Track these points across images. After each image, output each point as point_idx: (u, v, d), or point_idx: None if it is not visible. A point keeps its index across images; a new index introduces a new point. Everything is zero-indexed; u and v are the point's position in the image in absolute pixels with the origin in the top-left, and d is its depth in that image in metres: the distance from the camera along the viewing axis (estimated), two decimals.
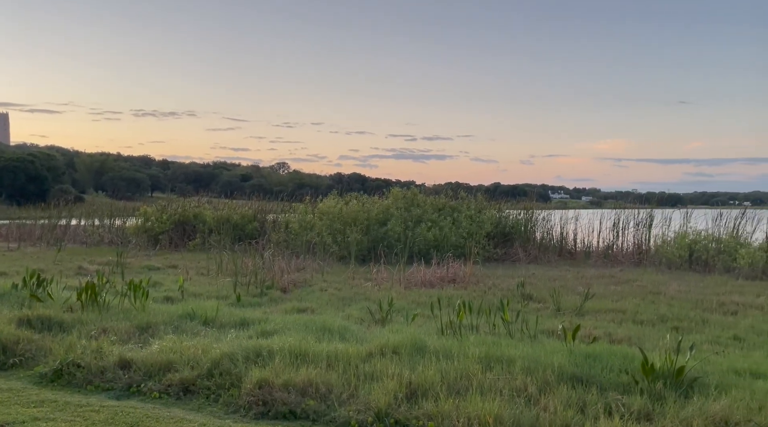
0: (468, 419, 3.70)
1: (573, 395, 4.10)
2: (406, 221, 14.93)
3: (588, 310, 8.20)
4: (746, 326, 7.20)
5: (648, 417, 3.81)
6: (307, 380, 4.42)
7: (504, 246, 16.23)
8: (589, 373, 4.53)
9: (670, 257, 14.04)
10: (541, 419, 3.69)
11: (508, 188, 51.71)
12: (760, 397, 4.01)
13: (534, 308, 8.39)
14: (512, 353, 4.95)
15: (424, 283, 10.45)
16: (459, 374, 4.50)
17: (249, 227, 17.69)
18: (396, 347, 5.24)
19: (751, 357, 5.49)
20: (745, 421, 3.60)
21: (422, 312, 7.64)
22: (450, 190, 18.57)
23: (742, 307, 8.50)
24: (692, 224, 15.54)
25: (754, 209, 16.72)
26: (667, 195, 25.58)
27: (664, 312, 8.06)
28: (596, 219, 17.56)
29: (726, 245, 13.53)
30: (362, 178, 78.81)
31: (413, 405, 4.07)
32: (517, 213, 17.54)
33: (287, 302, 8.53)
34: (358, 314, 7.64)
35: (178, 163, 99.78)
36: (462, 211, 15.87)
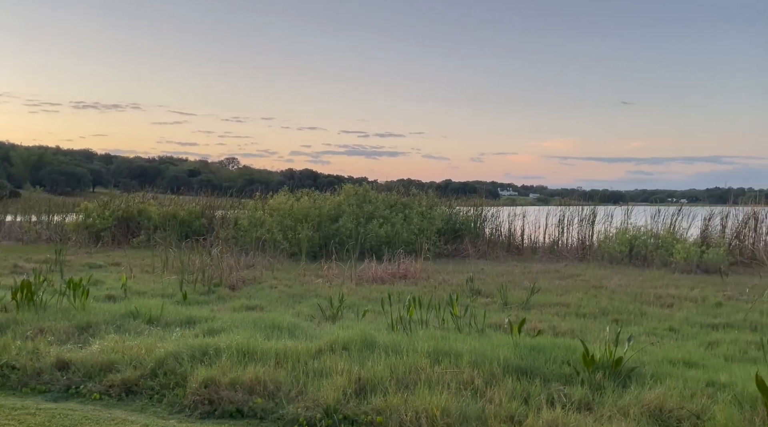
0: (416, 413, 3.74)
1: (518, 386, 4.21)
2: (358, 217, 14.93)
3: (534, 304, 8.42)
4: (681, 317, 7.54)
5: (588, 406, 3.94)
6: (255, 378, 4.36)
7: (454, 242, 16.47)
8: (533, 365, 4.65)
9: (612, 252, 14.57)
10: (487, 410, 3.77)
11: (459, 185, 52.39)
12: (692, 385, 4.21)
13: (482, 303, 8.55)
14: (460, 347, 5.03)
15: (376, 279, 10.49)
16: (408, 369, 4.54)
17: (196, 223, 17.30)
18: (346, 344, 5.24)
19: (684, 347, 5.76)
20: (678, 408, 3.78)
21: (373, 308, 7.66)
22: (402, 186, 18.69)
23: (677, 299, 8.91)
24: (632, 221, 16.18)
25: (689, 206, 17.53)
26: (610, 192, 26.57)
27: (606, 305, 8.36)
28: (543, 216, 18.05)
29: (663, 240, 14.14)
30: (314, 175, 78.26)
31: (362, 401, 4.08)
32: (467, 210, 17.81)
33: (236, 299, 8.39)
34: (308, 311, 7.59)
35: (122, 158, 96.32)
36: (413, 208, 15.99)
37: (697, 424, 3.60)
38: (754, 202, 15.82)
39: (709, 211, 15.99)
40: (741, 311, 7.82)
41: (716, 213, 15.71)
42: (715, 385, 4.24)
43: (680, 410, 3.75)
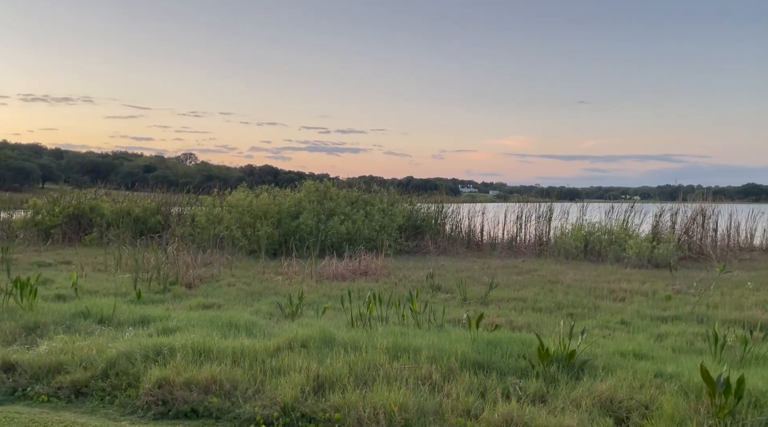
0: (374, 409, 3.75)
1: (475, 381, 4.26)
2: (318, 214, 14.85)
3: (492, 299, 8.54)
4: (632, 311, 7.78)
5: (542, 399, 4.02)
6: (211, 377, 4.29)
7: (415, 239, 16.57)
8: (490, 359, 4.72)
9: (568, 248, 14.91)
10: (444, 405, 3.80)
11: (420, 182, 52.64)
12: (641, 376, 4.34)
13: (442, 299, 8.63)
14: (419, 343, 5.06)
15: (336, 276, 10.45)
16: (367, 366, 4.54)
17: (152, 220, 16.88)
18: (305, 341, 5.21)
19: (635, 340, 5.94)
20: (628, 399, 3.90)
21: (333, 305, 7.63)
22: (363, 183, 18.67)
23: (629, 293, 9.18)
24: (587, 217, 16.61)
25: (642, 203, 18.08)
26: (567, 189, 27.24)
27: (561, 300, 8.55)
28: (502, 212, 18.34)
29: (617, 236, 14.55)
30: (274, 171, 77.32)
31: (320, 398, 4.06)
32: (428, 207, 17.94)
33: (192, 298, 8.23)
34: (267, 309, 7.51)
35: (74, 153, 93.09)
36: (375, 205, 16.00)
37: (646, 414, 3.71)
38: (702, 199, 16.44)
39: (660, 208, 16.53)
40: (689, 304, 8.11)
41: (666, 210, 16.26)
42: (663, 376, 4.38)
43: (630, 401, 3.86)
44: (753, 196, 46.57)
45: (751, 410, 3.72)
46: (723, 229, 16.56)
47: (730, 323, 6.91)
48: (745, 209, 17.93)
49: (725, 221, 16.69)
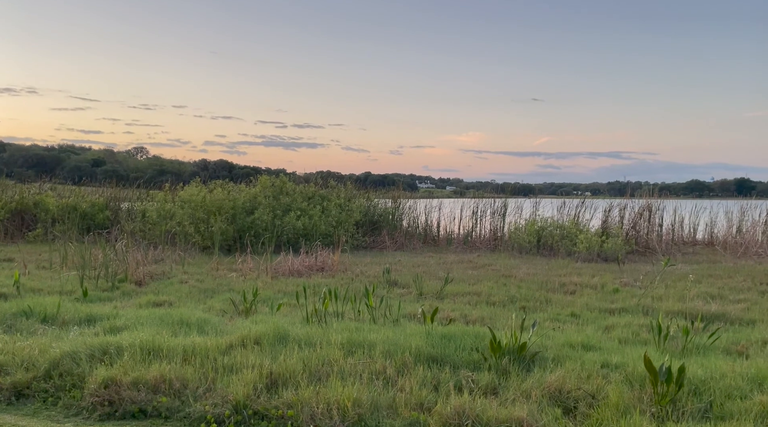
0: (327, 405, 3.73)
1: (428, 374, 4.30)
2: (274, 209, 14.67)
3: (448, 293, 8.63)
4: (582, 304, 8.00)
5: (494, 391, 4.09)
6: (160, 376, 4.19)
7: (372, 234, 16.58)
8: (444, 353, 4.77)
9: (521, 243, 15.21)
10: (398, 399, 3.82)
11: (378, 177, 52.68)
12: (589, 367, 4.47)
13: (398, 294, 8.67)
14: (374, 338, 5.07)
15: (292, 272, 10.36)
16: (321, 361, 4.52)
17: (100, 216, 16.34)
18: (258, 338, 5.14)
19: (584, 332, 6.11)
20: (576, 389, 4.01)
21: (289, 301, 7.57)
22: (320, 178, 18.55)
23: (579, 287, 9.43)
24: (540, 212, 16.98)
25: (592, 199, 18.60)
26: (521, 185, 27.71)
27: (514, 293, 8.71)
28: (458, 208, 18.56)
29: (568, 231, 14.92)
30: (229, 166, 75.78)
31: (273, 395, 4.02)
32: (386, 202, 17.98)
33: (142, 295, 8.01)
34: (220, 306, 7.38)
35: (17, 146, 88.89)
36: (332, 200, 15.92)
37: (592, 403, 3.82)
38: (649, 195, 17.04)
39: (609, 204, 17.05)
40: (635, 297, 8.40)
41: (615, 205, 16.78)
42: (609, 366, 4.52)
43: (578, 391, 3.97)
44: (696, 192, 48.57)
45: (691, 397, 3.88)
46: (668, 224, 17.21)
47: (673, 315, 7.19)
48: (688, 205, 18.67)
49: (670, 216, 17.35)
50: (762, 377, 4.24)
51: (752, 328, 6.55)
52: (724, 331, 6.17)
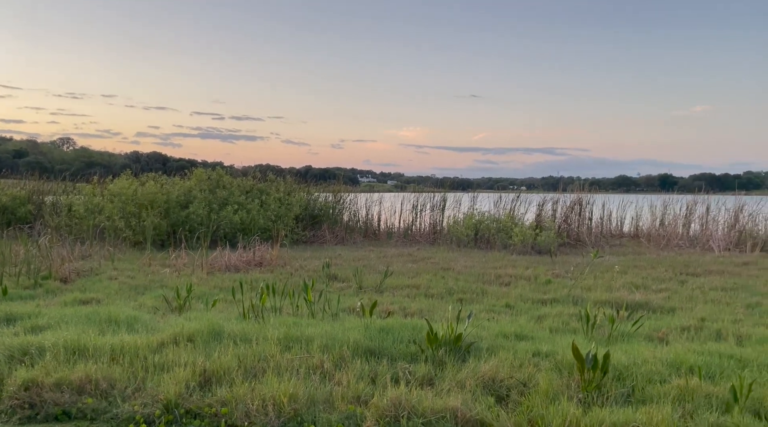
0: (263, 401, 3.68)
1: (366, 368, 4.31)
2: (210, 203, 14.29)
3: (387, 287, 8.68)
4: (516, 295, 8.23)
5: (430, 382, 4.15)
6: (86, 377, 4.00)
7: (313, 228, 16.46)
8: (382, 346, 4.79)
9: (460, 236, 15.51)
10: (335, 393, 3.81)
11: (319, 171, 52.17)
12: (521, 356, 4.61)
13: (338, 288, 8.65)
14: (312, 333, 5.03)
15: (229, 267, 10.14)
16: (257, 358, 4.45)
17: (21, 210, 15.43)
18: (191, 335, 5.00)
19: (517, 322, 6.29)
20: (508, 378, 4.12)
21: (225, 297, 7.41)
22: (259, 172, 18.22)
23: (514, 278, 9.71)
24: (478, 206, 17.36)
25: (527, 193, 19.18)
26: (460, 180, 28.29)
27: (452, 286, 8.87)
28: (398, 202, 18.70)
29: (504, 224, 15.32)
30: (164, 158, 73.12)
31: (207, 393, 3.92)
32: (326, 196, 17.89)
33: (67, 293, 7.63)
34: (152, 303, 7.13)
35: None
36: (271, 194, 15.68)
37: (524, 391, 3.94)
38: (580, 190, 17.73)
39: (542, 198, 17.63)
40: (566, 288, 8.72)
41: (548, 199, 17.37)
42: (540, 355, 4.68)
43: (510, 380, 4.08)
44: (624, 187, 50.94)
45: (615, 382, 4.07)
46: (597, 217, 17.98)
47: (601, 304, 7.51)
48: (616, 199, 19.56)
49: (599, 210, 18.13)
50: (680, 362, 4.50)
51: (672, 315, 6.94)
52: (647, 319, 6.50)
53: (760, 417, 3.57)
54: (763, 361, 4.65)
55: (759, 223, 16.30)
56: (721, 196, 18.34)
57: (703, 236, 16.17)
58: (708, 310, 7.21)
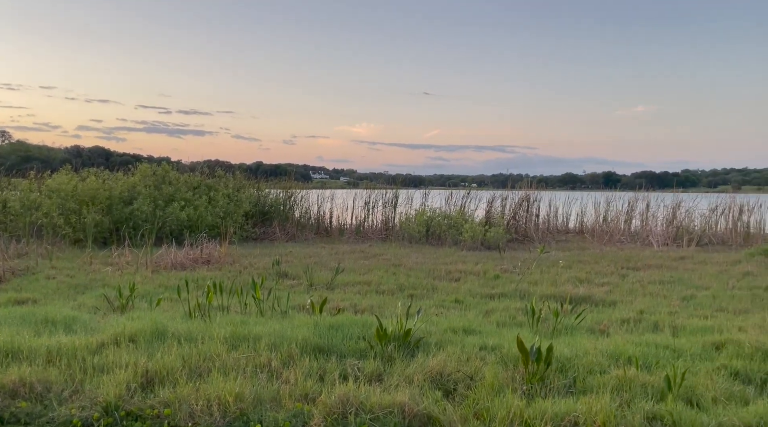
0: (207, 401, 3.60)
1: (315, 365, 4.28)
2: (156, 199, 13.88)
3: (338, 284, 8.66)
4: (465, 290, 8.36)
5: (379, 378, 4.16)
6: (19, 380, 3.82)
7: (263, 225, 16.24)
8: (331, 343, 4.77)
9: (411, 233, 15.61)
10: (282, 391, 3.77)
11: (270, 167, 51.47)
12: (468, 350, 4.68)
13: (288, 285, 8.56)
14: (259, 331, 4.96)
15: (175, 265, 9.88)
16: (202, 357, 4.35)
17: None
18: (133, 335, 4.85)
19: (466, 317, 6.39)
20: (455, 372, 4.17)
21: (170, 296, 7.22)
22: (207, 167, 17.82)
23: (463, 274, 9.85)
24: (430, 203, 17.54)
25: (477, 190, 19.50)
26: (412, 177, 28.43)
27: (403, 282, 8.92)
28: (350, 198, 18.68)
29: (455, 221, 15.53)
30: (107, 153, 70.47)
31: (149, 394, 3.81)
32: (277, 193, 17.67)
33: (1, 293, 7.27)
34: (93, 303, 6.88)
35: None
36: (219, 190, 15.37)
37: (470, 384, 4.00)
38: (528, 187, 18.16)
39: (492, 195, 17.97)
40: (513, 282, 8.91)
41: (498, 196, 17.71)
42: (487, 348, 4.76)
43: (457, 373, 4.14)
44: (570, 184, 52.51)
45: (557, 374, 4.18)
46: (544, 214, 18.46)
47: (546, 298, 7.71)
48: (562, 196, 20.13)
49: (546, 207, 18.62)
50: (619, 353, 4.67)
51: (613, 308, 7.20)
52: (590, 312, 6.72)
53: (691, 404, 3.75)
54: (696, 351, 4.88)
55: (695, 219, 17.10)
56: (660, 194, 19.14)
57: (643, 232, 16.83)
58: (646, 303, 7.51)
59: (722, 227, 17.01)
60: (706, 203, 17.63)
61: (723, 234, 16.57)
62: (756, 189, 49.53)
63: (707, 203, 17.59)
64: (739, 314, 6.90)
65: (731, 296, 8.00)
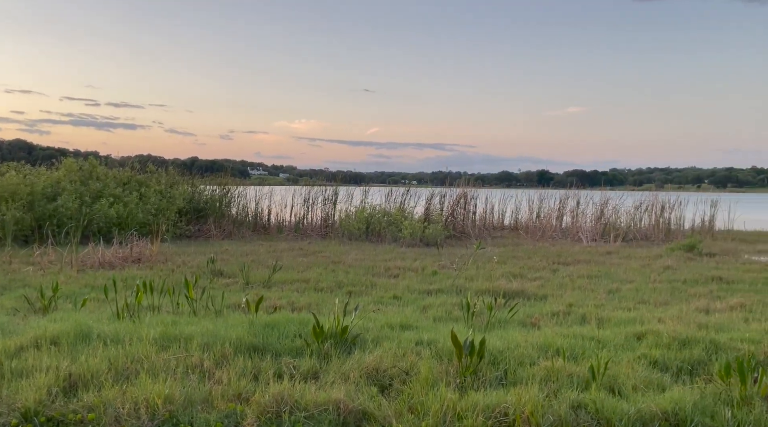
0: (135, 404, 3.47)
1: (249, 364, 4.20)
2: (82, 195, 13.24)
3: (276, 282, 8.55)
4: (404, 286, 8.44)
5: (315, 375, 4.14)
6: None
7: (198, 223, 15.82)
8: (266, 342, 4.71)
9: (351, 230, 15.62)
10: (214, 392, 3.68)
11: (206, 163, 50.12)
12: (405, 345, 4.73)
13: (223, 284, 8.38)
14: (191, 331, 4.83)
15: (103, 264, 9.47)
16: (130, 359, 4.19)
17: None
18: (56, 337, 4.62)
19: (403, 313, 6.45)
20: (391, 367, 4.21)
21: (97, 296, 6.93)
22: (138, 162, 17.16)
23: (402, 270, 9.94)
24: (370, 200, 17.58)
25: (417, 188, 19.71)
26: (353, 174, 28.45)
27: (342, 279, 8.91)
28: (290, 195, 18.47)
29: (394, 218, 15.65)
30: (29, 146, 66.46)
31: (72, 398, 3.63)
32: (213, 189, 17.24)
33: None
34: (12, 304, 6.50)
35: None
36: (151, 186, 14.84)
37: (406, 379, 4.05)
38: (465, 185, 18.53)
39: (431, 192, 18.22)
40: (450, 278, 9.08)
41: (437, 193, 17.99)
42: (423, 343, 4.82)
43: (393, 369, 4.17)
44: (506, 182, 54.02)
45: (490, 367, 4.29)
46: (481, 211, 18.90)
47: (481, 293, 7.90)
48: (499, 194, 20.66)
49: (483, 204, 19.07)
50: (548, 345, 4.85)
51: (544, 302, 7.46)
52: (522, 306, 6.93)
53: (614, 392, 3.93)
54: (619, 341, 5.13)
55: (621, 216, 17.95)
56: (590, 192, 19.97)
57: (573, 228, 17.52)
58: (575, 296, 7.83)
59: (646, 223, 17.95)
60: (631, 201, 18.54)
61: (646, 230, 17.48)
62: (677, 187, 52.65)
63: (632, 201, 18.51)
64: (659, 306, 7.30)
65: (653, 289, 8.45)
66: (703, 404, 3.65)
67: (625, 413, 3.49)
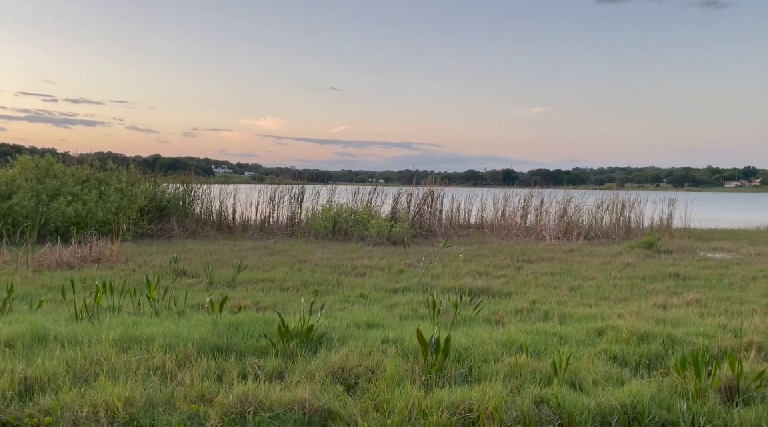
0: (94, 407, 3.38)
1: (212, 365, 4.14)
2: (39, 194, 12.83)
3: (241, 281, 8.45)
4: (370, 285, 8.44)
5: (280, 375, 4.10)
6: None
7: (160, 221, 15.51)
8: (230, 342, 4.65)
9: (318, 228, 15.54)
10: (176, 393, 3.62)
11: (169, 161, 49.16)
12: (371, 344, 4.73)
13: (187, 284, 8.24)
14: (153, 332, 4.74)
15: (60, 264, 9.20)
16: (89, 361, 4.08)
17: None
18: (11, 340, 4.47)
19: (370, 311, 6.45)
20: (357, 365, 4.20)
21: (54, 297, 6.73)
22: (98, 160, 16.71)
23: (369, 269, 9.95)
24: (336, 199, 17.54)
25: (384, 186, 19.75)
26: (320, 172, 28.36)
27: (308, 278, 8.86)
28: (255, 193, 18.27)
29: (361, 216, 15.64)
30: None
31: (27, 402, 3.52)
32: (176, 187, 16.93)
33: None
34: None
35: None
36: (111, 184, 14.48)
37: (372, 377, 4.05)
38: (432, 183, 18.64)
39: (398, 191, 18.28)
40: (416, 276, 9.12)
41: (404, 192, 18.06)
42: (389, 341, 4.83)
43: (359, 367, 4.17)
44: (472, 181, 54.61)
45: (455, 364, 4.33)
46: (447, 209, 19.06)
47: (447, 291, 7.96)
48: (465, 193, 20.87)
49: (449, 203, 19.23)
50: (512, 342, 4.92)
51: (509, 299, 7.56)
52: (487, 303, 7.02)
53: (575, 387, 4.02)
54: (581, 337, 5.24)
55: (583, 214, 18.35)
56: (553, 191, 20.35)
57: (537, 226, 17.82)
58: (539, 293, 7.97)
59: (607, 221, 18.38)
60: (593, 200, 18.96)
61: (607, 228, 17.91)
62: (637, 186, 53.97)
63: (594, 200, 18.94)
64: (619, 302, 7.49)
65: (613, 286, 8.67)
66: (660, 397, 3.76)
67: (585, 407, 3.57)
